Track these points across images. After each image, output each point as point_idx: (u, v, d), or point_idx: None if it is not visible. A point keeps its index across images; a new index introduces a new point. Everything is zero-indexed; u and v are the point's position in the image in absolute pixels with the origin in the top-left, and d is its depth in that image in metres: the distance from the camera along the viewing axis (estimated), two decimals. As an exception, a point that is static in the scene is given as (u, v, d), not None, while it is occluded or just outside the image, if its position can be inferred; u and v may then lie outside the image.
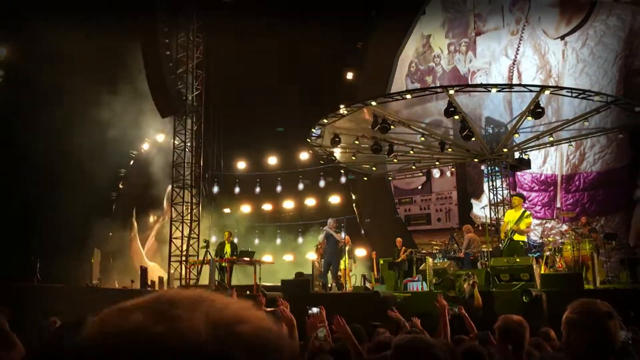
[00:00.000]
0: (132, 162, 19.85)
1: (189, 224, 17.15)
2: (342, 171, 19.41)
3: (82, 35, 13.83)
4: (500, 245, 11.81)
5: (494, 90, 13.49)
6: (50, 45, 13.53)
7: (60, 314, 5.71)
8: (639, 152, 15.38)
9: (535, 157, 16.01)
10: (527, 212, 11.60)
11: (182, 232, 17.00)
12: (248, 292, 12.24)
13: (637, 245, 13.28)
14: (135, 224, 19.66)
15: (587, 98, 12.94)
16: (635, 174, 15.54)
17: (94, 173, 15.09)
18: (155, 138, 19.75)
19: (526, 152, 14.90)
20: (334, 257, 13.94)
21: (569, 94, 13.13)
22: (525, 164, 14.86)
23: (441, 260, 12.97)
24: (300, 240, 20.19)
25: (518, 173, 16.70)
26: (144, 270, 13.77)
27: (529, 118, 12.98)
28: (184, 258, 16.63)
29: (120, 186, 19.34)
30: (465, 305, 7.58)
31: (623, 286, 10.49)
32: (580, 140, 15.16)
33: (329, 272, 13.89)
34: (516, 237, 11.25)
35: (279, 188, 20.95)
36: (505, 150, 14.49)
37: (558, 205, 16.70)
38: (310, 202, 20.84)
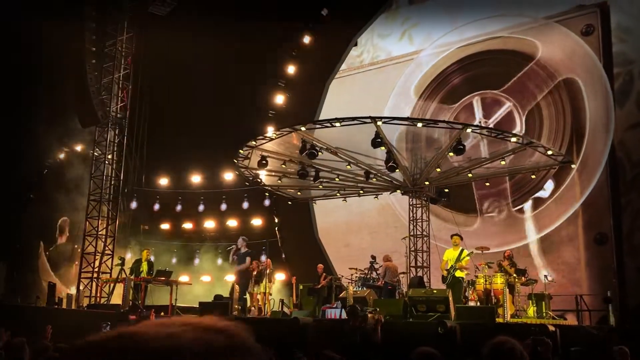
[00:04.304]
0: (45, 172, 18.89)
1: (103, 240, 16.47)
2: (266, 194, 19.30)
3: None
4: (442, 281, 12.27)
5: (419, 124, 13.90)
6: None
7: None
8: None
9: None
10: (465, 251, 12.15)
11: (95, 247, 16.28)
12: (162, 314, 11.84)
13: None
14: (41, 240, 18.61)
15: (505, 139, 13.60)
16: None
17: (3, 181, 14.28)
18: (74, 148, 18.94)
19: (446, 186, 15.40)
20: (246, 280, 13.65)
21: (488, 134, 13.77)
22: (445, 196, 15.35)
23: (361, 289, 13.08)
24: (219, 261, 19.81)
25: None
26: (51, 287, 13.05)
27: (450, 154, 13.46)
28: (95, 275, 15.91)
29: (31, 196, 18.30)
30: (363, 336, 7.71)
31: (530, 320, 10.95)
32: (498, 177, 15.77)
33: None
34: (457, 273, 11.94)
35: (201, 207, 20.53)
36: (427, 183, 14.91)
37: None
38: (232, 223, 20.55)
